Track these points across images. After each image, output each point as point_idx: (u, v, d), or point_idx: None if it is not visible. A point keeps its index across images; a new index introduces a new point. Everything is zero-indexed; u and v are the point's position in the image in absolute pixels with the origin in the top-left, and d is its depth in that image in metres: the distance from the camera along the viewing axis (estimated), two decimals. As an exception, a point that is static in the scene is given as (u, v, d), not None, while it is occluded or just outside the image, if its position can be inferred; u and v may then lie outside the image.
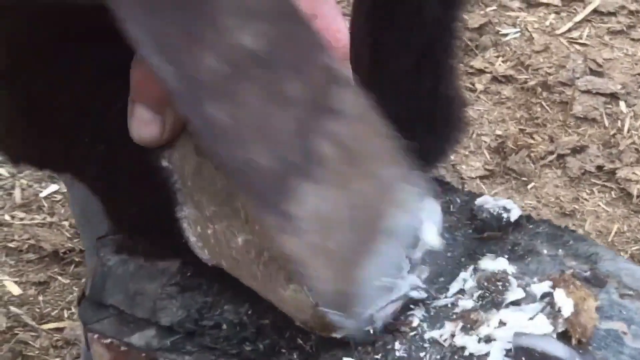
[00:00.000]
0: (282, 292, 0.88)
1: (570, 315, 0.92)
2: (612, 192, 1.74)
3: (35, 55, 0.92)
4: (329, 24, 0.91)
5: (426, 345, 0.97)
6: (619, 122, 1.84)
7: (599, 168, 1.78)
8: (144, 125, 0.85)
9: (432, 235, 0.95)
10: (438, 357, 0.99)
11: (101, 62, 0.82)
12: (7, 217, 1.64)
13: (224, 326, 0.96)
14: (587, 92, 1.88)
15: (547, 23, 2.02)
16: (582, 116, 1.85)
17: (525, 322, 0.90)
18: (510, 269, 0.99)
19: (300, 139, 0.81)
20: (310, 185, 0.81)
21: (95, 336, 1.05)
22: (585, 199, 1.72)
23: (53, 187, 1.69)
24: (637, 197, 1.71)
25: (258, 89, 0.79)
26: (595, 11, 2.04)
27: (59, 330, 1.46)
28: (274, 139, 0.80)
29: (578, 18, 2.04)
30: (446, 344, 0.92)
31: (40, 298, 1.52)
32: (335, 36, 0.90)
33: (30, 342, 1.44)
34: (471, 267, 1.00)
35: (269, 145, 0.79)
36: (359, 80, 1.01)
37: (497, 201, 1.06)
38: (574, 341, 0.90)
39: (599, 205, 1.71)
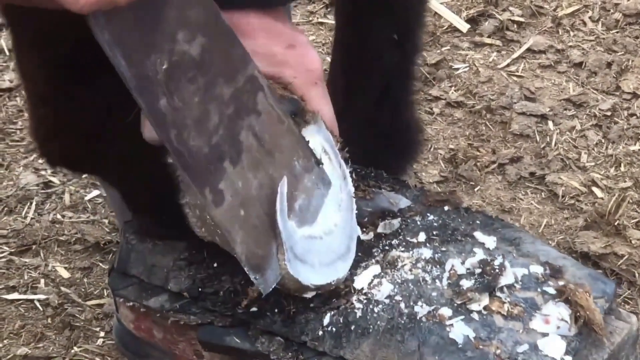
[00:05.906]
0: None
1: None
2: (542, 194, 1.74)
3: (73, 80, 0.94)
4: (304, 52, 0.93)
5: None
6: (548, 137, 1.85)
7: (532, 174, 1.78)
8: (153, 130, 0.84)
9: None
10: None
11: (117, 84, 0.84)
12: (58, 216, 1.65)
13: (221, 293, 0.96)
14: (522, 114, 1.89)
15: (491, 59, 2.03)
16: (518, 133, 1.85)
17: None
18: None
19: (229, 131, 0.82)
20: (236, 168, 0.83)
21: (121, 300, 1.07)
22: (521, 199, 1.73)
23: (95, 192, 1.70)
24: (562, 197, 1.72)
25: (196, 88, 0.80)
26: (529, 50, 2.05)
27: (100, 305, 1.46)
28: (208, 129, 0.80)
29: (515, 55, 2.04)
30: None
31: (85, 280, 1.53)
32: (309, 61, 0.93)
33: (77, 315, 1.45)
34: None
35: (204, 134, 0.80)
36: (335, 100, 1.02)
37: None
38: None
39: (531, 204, 1.72)
